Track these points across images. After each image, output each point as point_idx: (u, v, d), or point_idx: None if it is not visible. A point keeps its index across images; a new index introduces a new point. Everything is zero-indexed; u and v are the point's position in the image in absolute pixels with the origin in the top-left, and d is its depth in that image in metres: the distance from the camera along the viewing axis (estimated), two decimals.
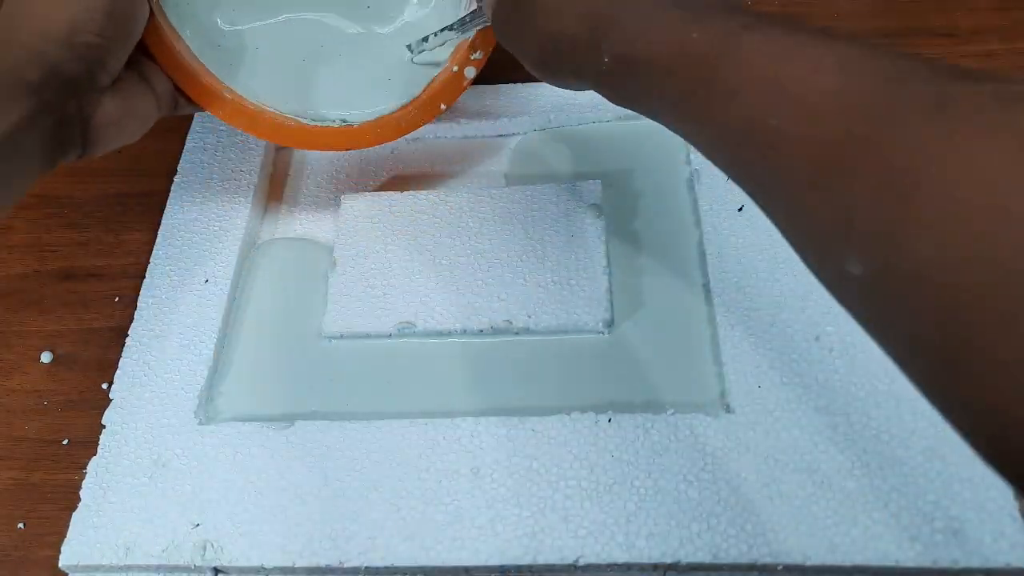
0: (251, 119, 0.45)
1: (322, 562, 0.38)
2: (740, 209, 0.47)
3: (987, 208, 0.18)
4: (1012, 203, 0.18)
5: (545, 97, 0.54)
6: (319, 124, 0.46)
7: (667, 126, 0.30)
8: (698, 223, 0.47)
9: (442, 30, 0.46)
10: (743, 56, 0.26)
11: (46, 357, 0.48)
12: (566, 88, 0.36)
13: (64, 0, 0.35)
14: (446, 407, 0.42)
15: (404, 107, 0.48)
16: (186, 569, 0.39)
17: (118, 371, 0.45)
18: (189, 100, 0.44)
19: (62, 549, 0.39)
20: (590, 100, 0.53)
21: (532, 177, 0.51)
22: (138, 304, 0.47)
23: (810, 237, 0.24)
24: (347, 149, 0.48)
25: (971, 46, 0.57)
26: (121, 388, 0.44)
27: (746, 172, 0.26)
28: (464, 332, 0.45)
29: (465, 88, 0.49)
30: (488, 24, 0.41)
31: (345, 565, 0.38)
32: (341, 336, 0.45)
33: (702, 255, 0.46)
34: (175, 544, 0.39)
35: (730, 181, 0.48)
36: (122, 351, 0.45)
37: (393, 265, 0.47)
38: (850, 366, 0.41)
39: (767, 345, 0.42)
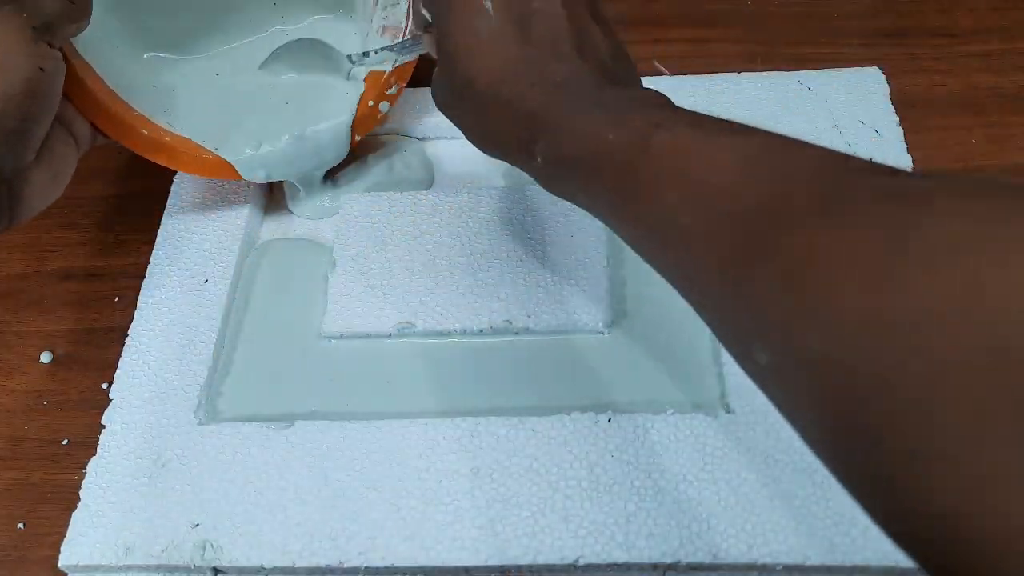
0: (170, 153, 0.45)
1: (322, 562, 0.38)
2: None
3: (862, 305, 0.20)
4: (883, 301, 0.19)
5: None
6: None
7: (604, 223, 0.32)
8: None
9: (382, 49, 0.46)
10: (653, 156, 0.27)
11: (46, 357, 0.48)
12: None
13: None
14: (446, 407, 0.42)
15: None
16: (186, 569, 0.39)
17: (118, 371, 0.44)
18: (107, 136, 0.44)
19: (62, 549, 0.39)
20: None
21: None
22: (138, 304, 0.47)
23: (724, 328, 0.25)
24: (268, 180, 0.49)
25: (971, 46, 0.57)
26: (121, 388, 0.44)
27: (669, 269, 0.28)
28: (464, 332, 0.45)
29: (381, 121, 0.50)
30: (425, 52, 0.41)
31: (345, 565, 0.38)
32: (341, 336, 0.45)
33: None
34: (175, 544, 0.39)
35: None
36: (122, 351, 0.45)
37: (393, 265, 0.47)
38: None
39: None
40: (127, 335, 0.46)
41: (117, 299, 0.50)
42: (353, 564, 0.38)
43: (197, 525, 0.39)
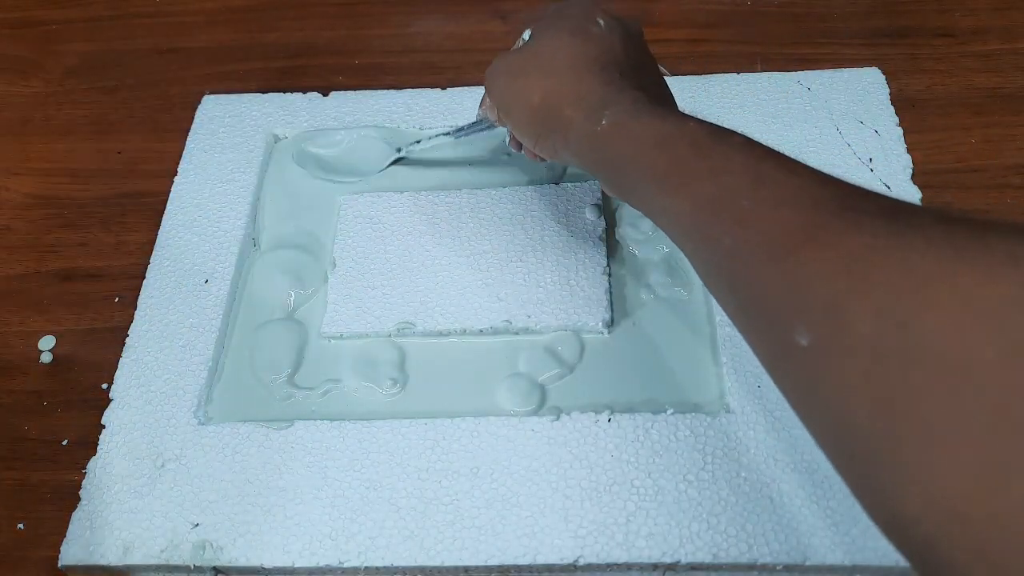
0: None
1: (322, 562, 0.38)
2: None
3: (915, 299, 0.21)
4: (934, 292, 0.21)
5: None
6: None
7: (636, 201, 0.34)
8: None
9: (437, 135, 0.50)
10: (726, 148, 0.30)
11: (46, 357, 0.48)
12: (544, 157, 0.40)
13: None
14: (446, 407, 0.42)
15: None
16: (186, 569, 0.39)
17: (118, 371, 0.45)
18: None
19: (62, 549, 0.39)
20: None
21: (532, 177, 0.51)
22: (138, 304, 0.47)
23: (762, 308, 0.27)
24: None
25: (971, 46, 0.57)
26: (121, 388, 0.44)
27: (709, 245, 0.29)
28: (464, 332, 0.45)
29: None
30: (490, 128, 0.46)
31: (345, 565, 0.38)
32: (341, 336, 0.45)
33: None
34: (174, 544, 0.39)
35: None
36: (122, 351, 0.45)
37: (393, 265, 0.47)
38: None
39: None
40: (127, 335, 0.46)
41: (117, 299, 0.50)
42: (353, 564, 0.38)
43: (197, 525, 0.39)
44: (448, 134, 0.49)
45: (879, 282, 0.22)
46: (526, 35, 0.41)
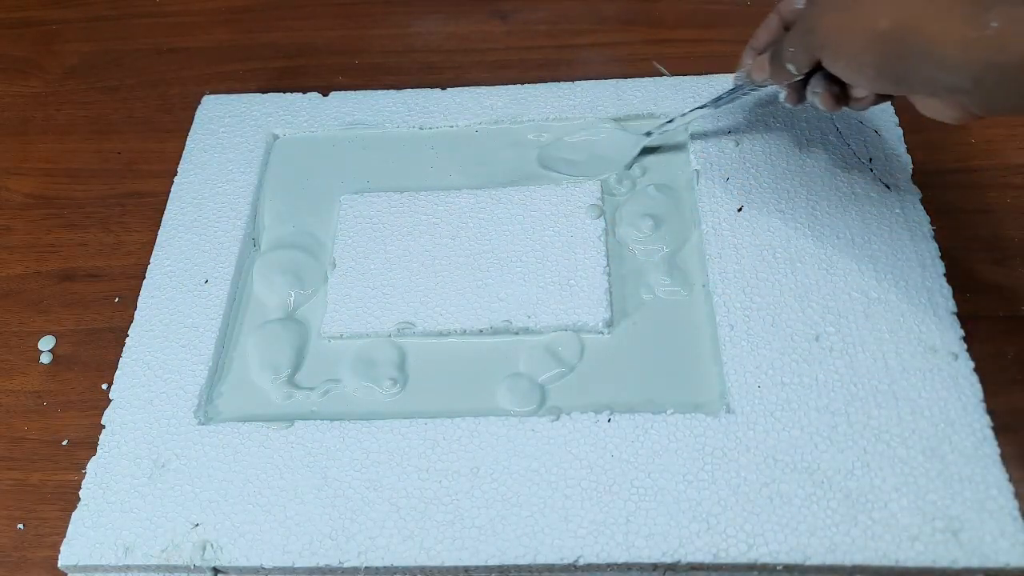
0: None
1: (322, 562, 0.38)
2: (740, 209, 0.47)
3: None
4: None
5: (546, 99, 0.54)
6: None
7: None
8: (698, 223, 0.47)
9: (693, 110, 0.48)
10: None
11: (46, 358, 0.48)
12: (882, 93, 0.37)
13: None
14: (446, 407, 0.42)
15: None
16: (186, 569, 0.39)
17: (118, 371, 0.44)
18: None
19: (62, 549, 0.39)
20: (591, 101, 0.53)
21: (533, 177, 0.51)
22: (138, 304, 0.47)
23: None
24: None
25: None
26: (121, 388, 0.44)
27: None
28: (464, 332, 0.45)
29: None
30: (750, 92, 0.44)
31: (345, 565, 0.38)
32: (341, 336, 0.45)
33: (702, 255, 0.46)
34: (175, 544, 0.39)
35: (730, 182, 0.48)
36: (122, 351, 0.45)
37: (393, 265, 0.47)
38: (850, 366, 0.41)
39: (767, 345, 0.42)
40: (127, 335, 0.46)
41: (117, 299, 0.50)
42: (353, 564, 0.38)
43: (197, 525, 0.39)
44: (704, 107, 0.47)
45: None
46: None
